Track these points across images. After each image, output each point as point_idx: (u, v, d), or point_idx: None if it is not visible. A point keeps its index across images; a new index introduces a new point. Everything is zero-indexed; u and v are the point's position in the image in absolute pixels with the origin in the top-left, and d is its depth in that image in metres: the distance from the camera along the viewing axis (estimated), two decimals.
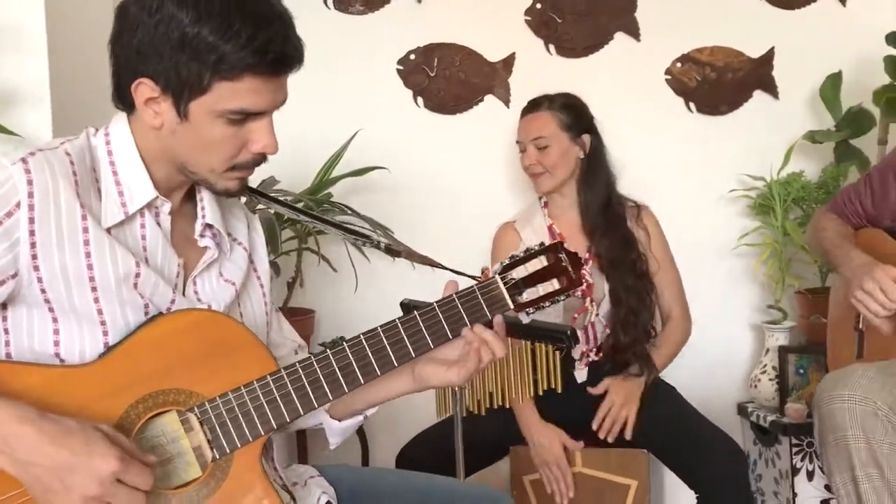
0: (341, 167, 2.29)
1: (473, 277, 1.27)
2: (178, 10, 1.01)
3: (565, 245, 1.27)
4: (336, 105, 2.50)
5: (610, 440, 2.02)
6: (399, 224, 2.36)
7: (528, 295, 1.23)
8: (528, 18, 2.59)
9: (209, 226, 1.18)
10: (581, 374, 2.13)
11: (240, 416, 1.08)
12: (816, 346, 2.32)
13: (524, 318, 1.28)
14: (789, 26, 2.64)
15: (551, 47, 2.61)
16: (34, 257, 1.01)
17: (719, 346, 2.62)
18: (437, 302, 1.19)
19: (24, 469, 0.92)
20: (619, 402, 2.01)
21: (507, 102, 2.59)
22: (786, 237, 2.42)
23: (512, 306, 1.22)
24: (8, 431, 0.91)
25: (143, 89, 1.05)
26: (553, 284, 1.24)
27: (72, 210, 1.04)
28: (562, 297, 1.26)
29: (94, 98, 1.34)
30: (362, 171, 2.31)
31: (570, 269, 1.25)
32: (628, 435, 2.01)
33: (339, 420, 1.28)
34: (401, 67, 2.55)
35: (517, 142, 2.24)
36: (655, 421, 2.04)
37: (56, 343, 1.04)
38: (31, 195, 1.00)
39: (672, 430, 2.02)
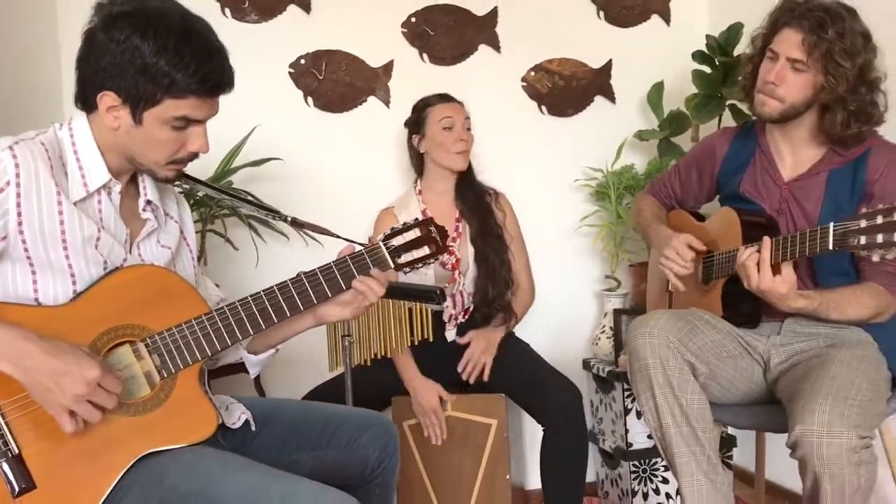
0: (240, 160, 2.51)
1: (362, 244, 1.63)
2: (141, 43, 1.32)
3: (434, 220, 1.66)
4: (234, 104, 2.70)
5: (471, 382, 2.40)
6: (291, 210, 2.61)
7: (405, 258, 1.60)
8: (405, 30, 2.87)
9: (149, 202, 1.50)
10: (451, 335, 2.50)
11: (182, 345, 1.40)
12: (644, 308, 2.76)
13: (402, 276, 1.66)
14: (624, 42, 3.07)
15: (425, 56, 2.89)
16: (20, 224, 1.31)
17: (567, 311, 3.04)
18: (334, 262, 1.55)
19: (28, 374, 1.22)
20: (480, 350, 2.41)
21: (387, 103, 2.86)
22: (619, 219, 2.84)
23: (392, 266, 1.59)
24: (16, 346, 1.21)
25: (107, 99, 1.36)
26: (424, 250, 1.62)
27: (49, 187, 1.33)
28: (431, 260, 1.64)
29: None
30: (259, 161, 2.55)
31: (438, 238, 1.63)
32: (486, 377, 2.40)
33: (256, 354, 1.61)
34: (292, 70, 2.78)
35: (446, 117, 2.51)
36: (510, 370, 2.43)
37: (35, 290, 1.34)
38: (17, 175, 1.30)
39: (523, 376, 2.41)
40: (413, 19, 2.89)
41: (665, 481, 2.70)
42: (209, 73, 1.36)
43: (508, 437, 2.46)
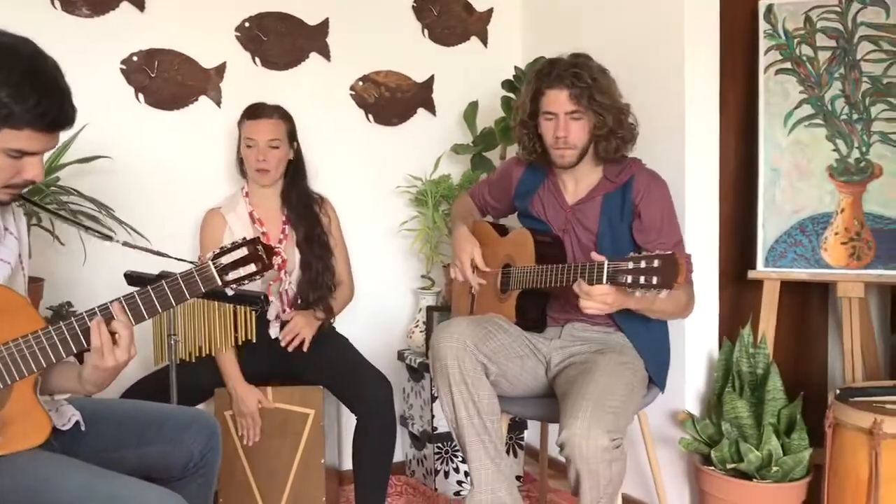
0: (70, 155, 2.52)
1: (187, 261, 1.76)
2: None
3: (262, 240, 1.80)
4: None
5: (290, 350, 2.58)
6: (122, 204, 2.63)
7: (232, 275, 1.73)
8: (238, 34, 2.97)
9: None
10: (274, 332, 2.65)
11: (18, 358, 1.50)
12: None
13: (229, 292, 1.81)
14: (446, 59, 3.32)
15: (257, 60, 3.00)
16: None
17: (386, 306, 3.28)
18: (164, 279, 1.66)
19: None
20: (301, 324, 2.59)
21: (218, 103, 2.96)
22: (435, 225, 3.11)
23: (220, 283, 1.72)
24: None
25: None
26: (251, 268, 1.73)
27: None
28: (257, 277, 1.77)
29: None
30: (88, 159, 2.58)
31: (264, 257, 1.75)
32: (305, 348, 2.59)
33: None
34: (124, 67, 2.81)
35: (248, 138, 2.64)
36: (327, 361, 2.63)
37: None
38: None
39: (338, 368, 2.62)
40: (247, 24, 3.00)
41: (464, 461, 3.01)
42: (47, 109, 1.44)
43: (324, 426, 2.67)
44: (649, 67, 2.68)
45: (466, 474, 3.00)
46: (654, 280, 1.83)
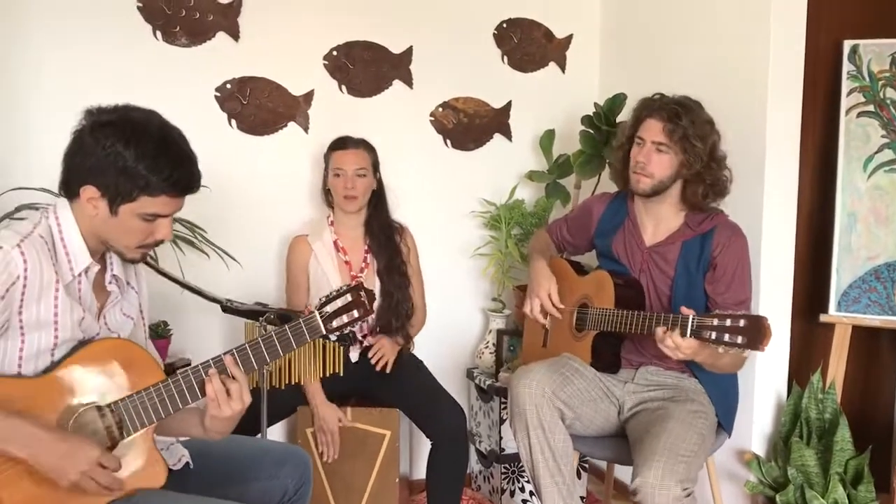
0: None
1: (215, 300, 1.97)
2: (123, 150, 1.55)
3: (363, 286, 1.88)
4: None
5: (378, 369, 2.71)
6: (213, 224, 2.80)
7: (336, 322, 1.82)
8: (326, 62, 3.08)
9: (115, 276, 1.72)
10: (354, 356, 2.79)
11: (140, 409, 1.64)
12: (522, 329, 3.16)
13: (332, 338, 1.92)
14: (523, 85, 3.38)
15: (343, 87, 3.11)
16: (20, 312, 1.52)
17: (458, 326, 3.38)
18: (273, 331, 1.77)
19: (38, 456, 1.46)
20: (386, 347, 2.73)
21: (306, 129, 3.07)
22: (507, 249, 3.20)
23: (325, 332, 1.82)
24: (25, 432, 1.46)
25: (89, 191, 1.58)
26: (353, 314, 1.81)
27: (50, 278, 1.55)
28: (359, 323, 1.87)
29: None
30: None
31: (366, 302, 1.84)
32: (388, 369, 2.72)
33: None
34: (218, 94, 2.94)
35: (336, 168, 2.77)
36: (404, 386, 2.77)
37: (19, 365, 1.56)
38: (26, 270, 1.50)
39: (415, 393, 2.75)
40: (334, 53, 3.10)
41: (528, 482, 3.12)
42: (180, 178, 1.60)
43: (399, 447, 2.80)
44: (729, 103, 2.67)
45: (532, 494, 3.12)
46: (739, 339, 1.90)
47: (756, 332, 1.88)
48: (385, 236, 2.83)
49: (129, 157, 1.54)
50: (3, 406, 1.49)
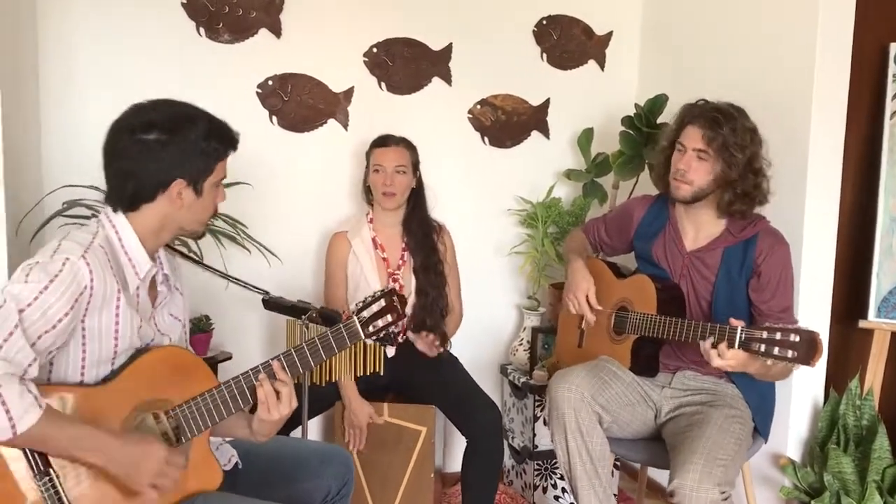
0: None
1: (258, 289, 2.08)
2: (190, 133, 1.63)
3: (396, 291, 1.95)
4: None
5: (431, 355, 2.73)
6: (253, 218, 2.85)
7: (373, 328, 1.89)
8: (366, 59, 3.09)
9: (166, 275, 1.77)
10: (390, 352, 2.82)
11: (196, 414, 1.69)
12: (556, 327, 3.16)
13: (368, 341, 1.96)
14: (562, 83, 3.37)
15: (383, 84, 3.13)
16: (84, 321, 1.56)
17: (492, 322, 3.41)
18: (316, 336, 1.83)
19: (113, 461, 1.51)
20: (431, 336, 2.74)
21: (345, 126, 3.10)
22: (543, 247, 3.21)
23: (363, 336, 1.88)
24: (99, 440, 1.50)
25: (179, 184, 1.65)
26: (388, 318, 1.90)
27: (112, 288, 1.59)
28: (393, 327, 1.94)
29: None
30: (229, 185, 2.78)
31: (399, 307, 1.92)
32: (442, 349, 2.75)
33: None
34: (259, 91, 2.97)
35: (376, 164, 2.79)
36: (441, 384, 2.79)
37: (82, 374, 1.60)
38: (92, 281, 1.54)
39: (451, 392, 2.77)
40: (375, 49, 3.11)
41: (562, 478, 3.16)
42: (232, 135, 1.76)
43: (434, 443, 2.84)
44: (772, 105, 2.66)
45: (564, 490, 3.15)
46: (790, 354, 1.90)
47: (808, 348, 1.88)
48: (422, 234, 2.85)
49: (198, 137, 1.65)
50: (73, 414, 1.54)
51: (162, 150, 1.62)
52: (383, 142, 2.83)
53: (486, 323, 3.40)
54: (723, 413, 2.26)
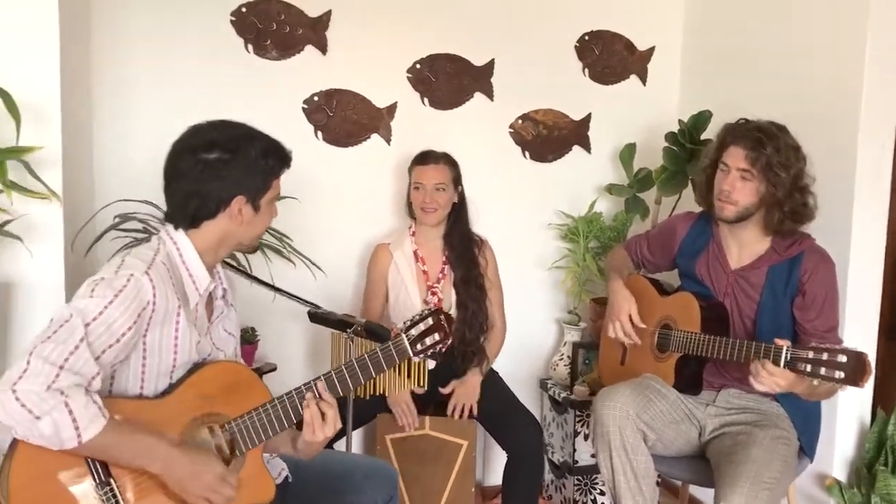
0: None
1: (308, 302, 2.12)
2: (250, 151, 1.70)
3: (443, 310, 1.97)
4: None
5: (463, 421, 2.76)
6: (298, 232, 2.87)
7: (421, 346, 1.92)
8: (410, 75, 3.12)
9: (225, 289, 1.81)
10: (431, 365, 2.80)
11: (252, 428, 1.72)
12: (598, 342, 3.16)
13: (416, 359, 1.99)
14: (603, 98, 3.38)
15: (426, 100, 3.15)
16: (145, 335, 1.60)
17: (533, 336, 3.41)
18: (366, 353, 1.85)
19: (173, 472, 1.55)
20: (463, 397, 2.77)
21: (388, 141, 3.13)
22: (584, 262, 3.22)
23: (412, 354, 1.91)
24: (161, 450, 1.55)
25: (238, 203, 1.70)
26: (436, 337, 1.93)
27: (173, 304, 1.63)
28: (440, 345, 1.96)
29: None
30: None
31: (446, 326, 1.94)
32: (475, 413, 2.77)
33: None
34: (305, 106, 3.01)
35: (416, 182, 2.83)
36: (483, 399, 2.80)
37: (141, 387, 1.64)
38: (155, 296, 1.58)
39: (493, 407, 2.78)
40: (418, 65, 3.15)
41: (602, 493, 3.15)
42: (286, 152, 1.81)
43: (475, 457, 2.85)
44: (818, 122, 2.64)
45: None
46: (837, 374, 1.89)
47: (857, 369, 1.86)
48: (463, 248, 2.87)
49: (259, 157, 1.71)
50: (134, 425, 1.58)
51: (224, 169, 1.66)
52: (423, 159, 2.86)
53: (526, 337, 3.40)
54: (769, 434, 2.25)
